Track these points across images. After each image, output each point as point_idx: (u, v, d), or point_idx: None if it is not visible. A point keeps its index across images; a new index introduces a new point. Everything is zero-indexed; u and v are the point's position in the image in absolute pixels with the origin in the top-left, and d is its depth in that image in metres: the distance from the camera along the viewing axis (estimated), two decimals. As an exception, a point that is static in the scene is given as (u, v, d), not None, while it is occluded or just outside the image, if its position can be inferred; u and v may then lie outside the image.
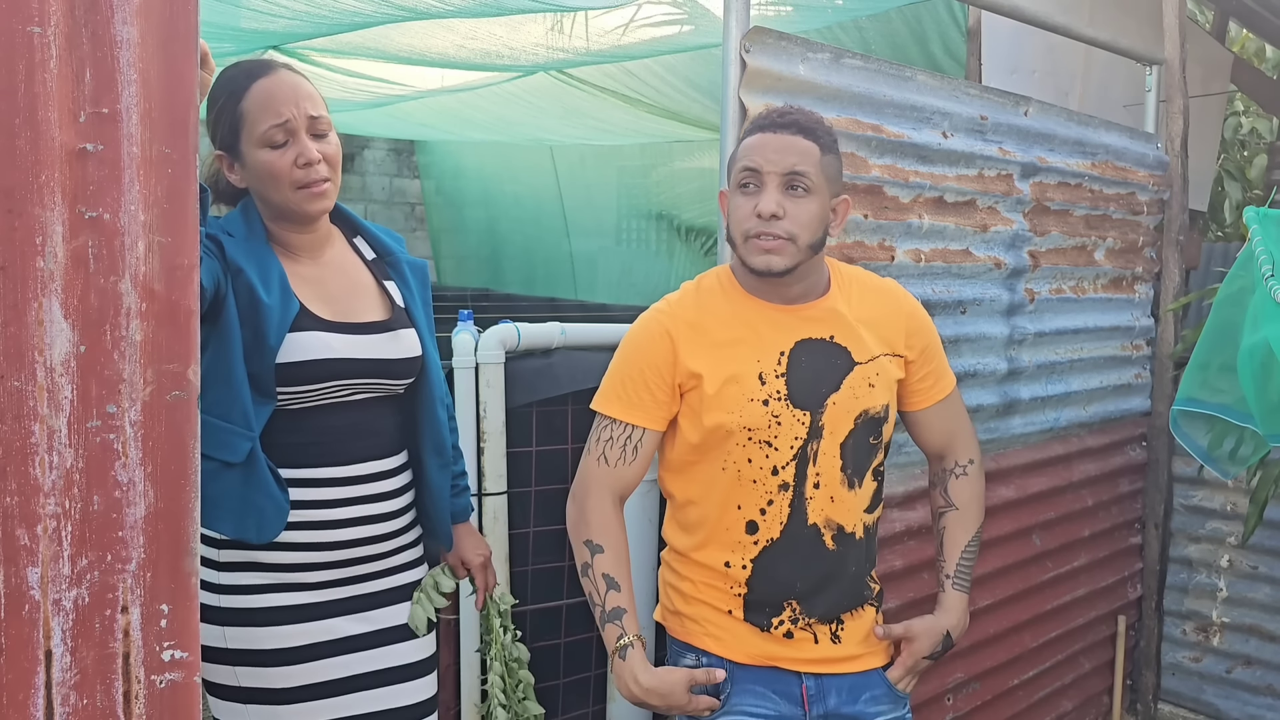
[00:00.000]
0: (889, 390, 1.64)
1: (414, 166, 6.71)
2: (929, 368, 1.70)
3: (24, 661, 0.79)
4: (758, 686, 1.62)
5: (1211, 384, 1.98)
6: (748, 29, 1.83)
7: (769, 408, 1.57)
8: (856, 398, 1.60)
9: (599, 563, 1.60)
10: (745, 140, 1.58)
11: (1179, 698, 3.16)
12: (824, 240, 1.58)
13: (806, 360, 1.59)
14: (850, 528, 1.62)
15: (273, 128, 1.54)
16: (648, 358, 1.61)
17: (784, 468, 1.58)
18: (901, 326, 1.67)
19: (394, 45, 3.18)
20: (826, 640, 1.63)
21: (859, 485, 1.62)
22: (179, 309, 0.84)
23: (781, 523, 1.59)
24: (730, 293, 1.64)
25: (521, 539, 2.65)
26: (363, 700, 1.64)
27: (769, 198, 1.52)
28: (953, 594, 1.72)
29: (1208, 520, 3.07)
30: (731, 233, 1.58)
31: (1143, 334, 3.06)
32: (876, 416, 1.62)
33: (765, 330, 1.60)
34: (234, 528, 1.52)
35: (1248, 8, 4.38)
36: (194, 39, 0.85)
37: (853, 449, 1.60)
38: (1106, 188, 2.81)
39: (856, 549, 1.63)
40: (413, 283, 1.75)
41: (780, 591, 1.60)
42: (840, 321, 1.62)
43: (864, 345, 1.62)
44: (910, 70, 2.18)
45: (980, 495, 1.77)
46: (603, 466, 1.64)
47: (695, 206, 5.16)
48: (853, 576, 1.63)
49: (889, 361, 1.64)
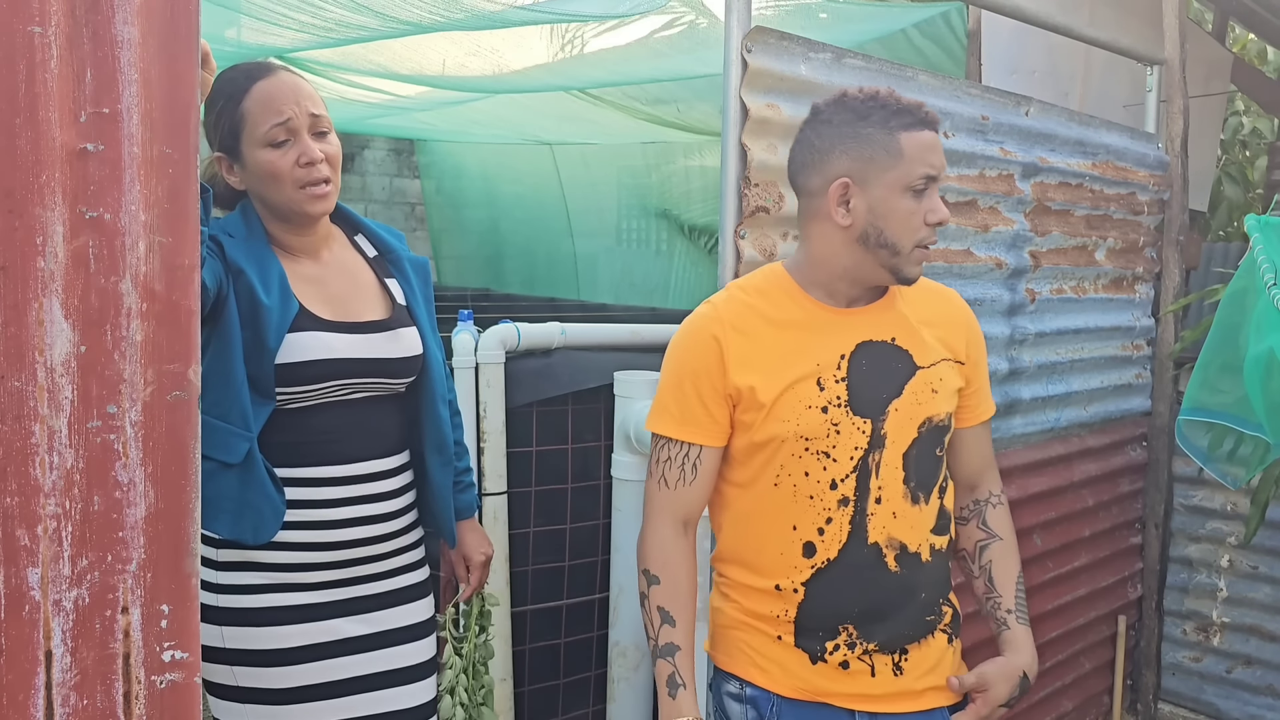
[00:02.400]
0: (951, 398, 1.52)
1: (414, 166, 6.70)
2: (978, 384, 1.60)
3: (24, 662, 0.78)
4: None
5: (1211, 384, 1.98)
6: (749, 29, 1.83)
7: (828, 415, 1.44)
8: (919, 404, 1.48)
9: (654, 594, 1.51)
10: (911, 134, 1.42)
11: (1179, 698, 3.15)
12: None
13: (868, 364, 1.47)
14: (915, 547, 1.48)
15: (274, 127, 1.54)
16: (697, 368, 1.49)
17: (843, 481, 1.45)
18: (963, 333, 1.57)
19: (396, 61, 3.17)
20: (887, 672, 1.48)
21: (924, 501, 1.49)
22: (179, 309, 0.84)
23: (840, 542, 1.46)
24: (789, 292, 1.51)
25: (521, 539, 2.64)
26: (362, 702, 1.64)
27: (942, 206, 1.44)
28: (1019, 629, 1.56)
29: (1208, 520, 3.07)
30: (890, 237, 1.43)
31: (1143, 334, 3.06)
32: (940, 425, 1.50)
33: (824, 332, 1.49)
34: (230, 528, 1.52)
35: (1248, 8, 4.38)
36: (195, 39, 0.85)
37: (916, 460, 1.48)
38: (1107, 188, 2.81)
39: (923, 573, 1.49)
40: (414, 280, 1.75)
41: (835, 616, 1.47)
42: (902, 323, 1.51)
43: (927, 348, 1.51)
44: (911, 70, 2.18)
45: (1013, 527, 1.66)
46: (663, 490, 1.53)
47: (698, 205, 5.15)
48: (920, 604, 1.49)
49: (951, 368, 1.53)
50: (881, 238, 1.43)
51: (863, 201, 1.43)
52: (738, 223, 1.83)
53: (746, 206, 1.83)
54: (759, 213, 1.85)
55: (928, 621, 1.50)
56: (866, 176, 1.42)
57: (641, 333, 3.03)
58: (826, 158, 1.44)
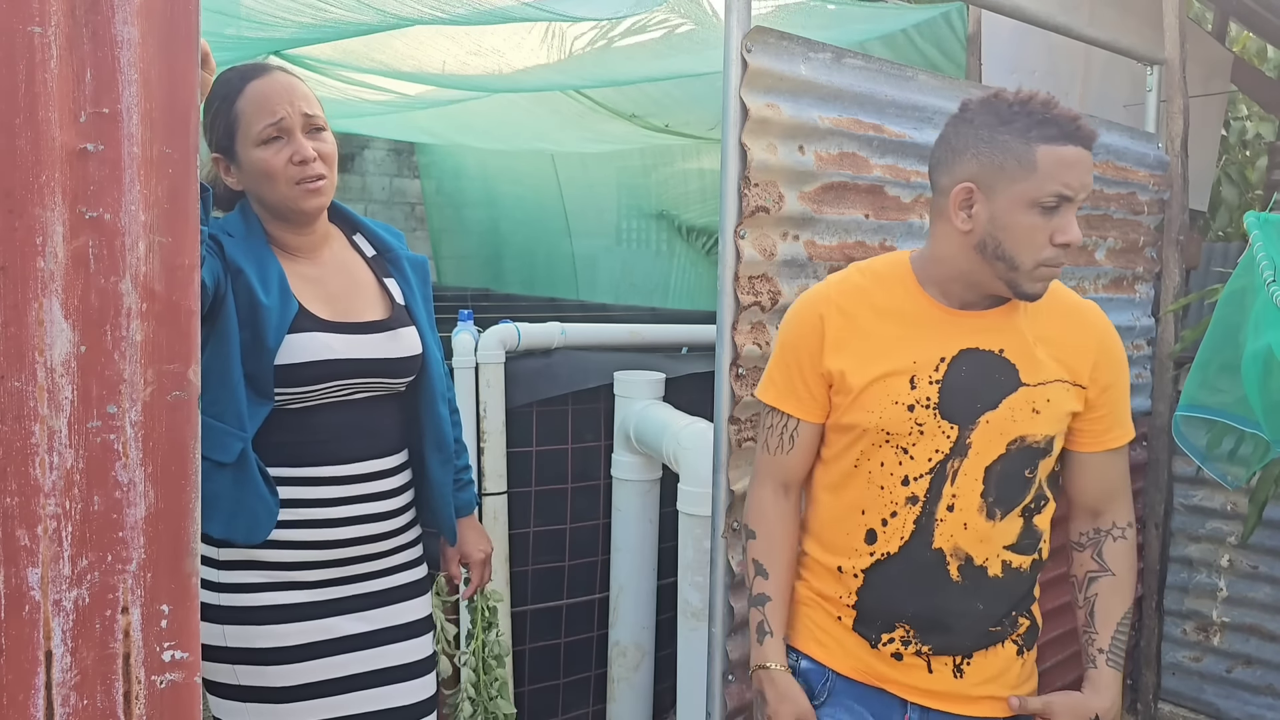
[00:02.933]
0: (1058, 422, 1.45)
1: (414, 166, 6.71)
2: (1107, 409, 1.49)
3: (24, 662, 0.78)
4: (856, 705, 1.50)
5: (1211, 383, 1.98)
6: (749, 29, 1.83)
7: (913, 414, 1.44)
8: (1014, 420, 1.43)
9: (751, 548, 1.57)
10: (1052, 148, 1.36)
11: (1179, 697, 3.15)
12: None
13: (967, 371, 1.44)
14: (982, 561, 1.46)
15: (268, 126, 1.55)
16: (799, 344, 1.52)
17: (916, 480, 1.45)
18: (1090, 355, 1.47)
19: (397, 58, 3.17)
20: (946, 673, 1.48)
21: (1000, 518, 1.45)
22: (179, 309, 0.84)
23: (902, 538, 1.46)
24: (905, 283, 1.50)
25: (521, 539, 2.65)
26: (361, 700, 1.64)
27: (1076, 226, 1.38)
28: (1107, 671, 1.50)
29: (1208, 520, 3.07)
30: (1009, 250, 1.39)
31: (1143, 334, 3.06)
32: (1035, 447, 1.45)
33: (930, 331, 1.46)
34: (224, 528, 1.52)
35: (1248, 8, 4.38)
36: (195, 39, 0.85)
37: (999, 476, 1.44)
38: (1107, 187, 2.81)
39: (991, 587, 1.47)
40: (413, 279, 1.75)
41: (892, 612, 1.48)
42: (1015, 336, 1.46)
43: (1038, 366, 1.45)
44: (912, 70, 2.18)
45: (1135, 566, 1.55)
46: (765, 454, 1.58)
47: (696, 206, 5.15)
48: (981, 615, 1.47)
49: (1065, 390, 1.46)
50: (1000, 250, 1.39)
51: (985, 210, 1.39)
52: (738, 222, 1.83)
53: (746, 206, 1.83)
54: (759, 212, 1.85)
55: (992, 632, 1.48)
56: (994, 185, 1.38)
57: (641, 333, 3.03)
58: (959, 158, 1.42)
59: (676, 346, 3.12)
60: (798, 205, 1.91)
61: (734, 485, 1.87)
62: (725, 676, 1.89)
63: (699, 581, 2.24)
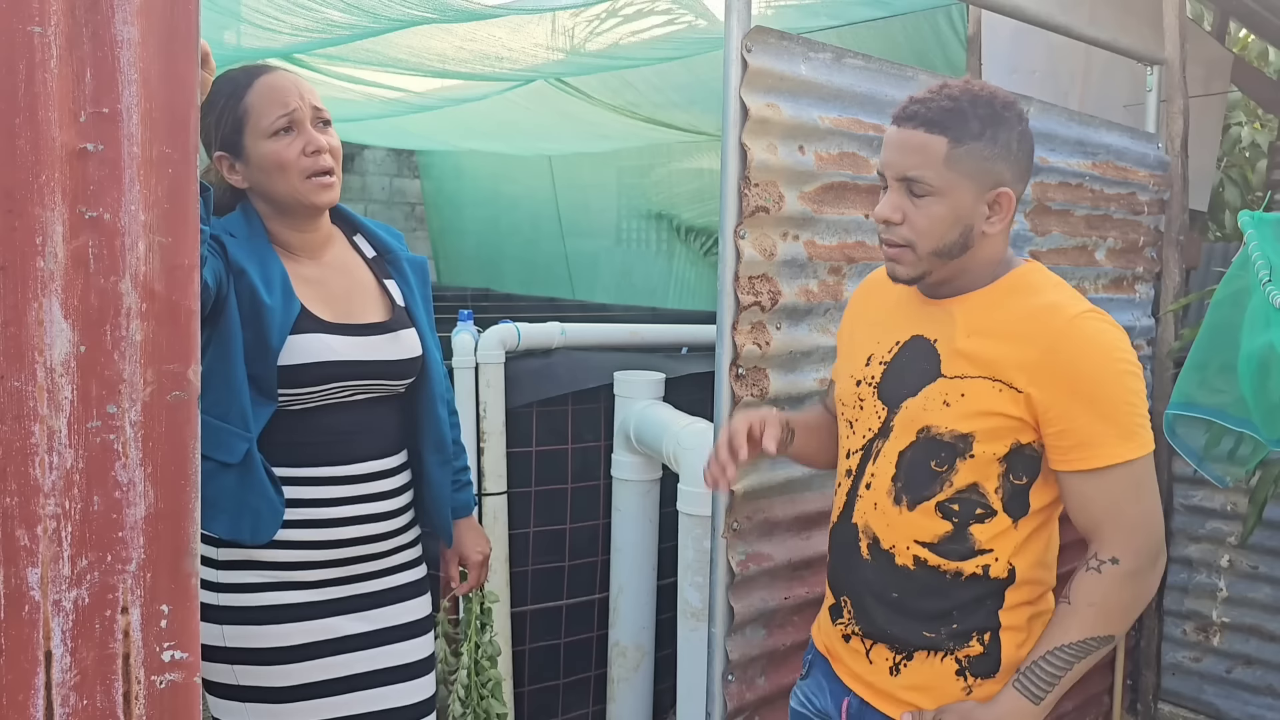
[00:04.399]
0: (975, 420, 1.38)
1: (414, 166, 6.71)
2: (1065, 425, 1.36)
3: (24, 662, 0.78)
4: (824, 680, 1.58)
5: (1210, 384, 1.98)
6: (749, 29, 1.83)
7: (859, 390, 1.52)
8: (925, 410, 1.42)
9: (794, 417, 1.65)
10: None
11: (1179, 698, 3.15)
12: (966, 242, 1.40)
13: (907, 356, 1.47)
14: (888, 546, 1.45)
15: (280, 117, 1.56)
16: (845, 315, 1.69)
17: (851, 455, 1.52)
18: (1029, 359, 1.36)
19: (394, 48, 3.18)
20: (884, 667, 1.47)
21: (906, 507, 1.43)
22: (179, 309, 0.84)
23: (839, 509, 1.54)
24: None
25: (521, 539, 2.65)
26: (361, 700, 1.64)
27: (886, 201, 1.40)
28: (1010, 693, 1.39)
29: (1208, 520, 3.07)
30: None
31: (1143, 334, 3.06)
32: (940, 440, 1.40)
33: (899, 316, 1.51)
34: (229, 529, 1.52)
35: (1248, 8, 4.38)
36: (195, 39, 0.85)
37: (908, 464, 1.43)
38: (1107, 188, 2.81)
39: (902, 577, 1.45)
40: (413, 280, 1.76)
41: (833, 584, 1.56)
42: (949, 325, 1.44)
43: (958, 359, 1.41)
44: (912, 70, 2.18)
45: (1110, 603, 1.36)
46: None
47: (695, 206, 5.15)
48: (895, 605, 1.45)
49: (990, 388, 1.38)
50: None
51: None
52: (738, 222, 1.83)
53: (746, 206, 1.83)
54: (759, 212, 1.85)
55: (927, 637, 1.44)
56: None
57: (641, 333, 3.03)
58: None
59: (676, 346, 3.12)
60: (798, 205, 1.91)
61: (734, 485, 1.87)
62: (725, 676, 1.89)
63: (699, 581, 2.24)
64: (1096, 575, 1.38)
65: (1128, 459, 1.35)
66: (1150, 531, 1.37)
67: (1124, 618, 1.38)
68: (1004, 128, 1.38)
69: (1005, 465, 1.40)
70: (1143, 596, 1.39)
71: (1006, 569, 1.44)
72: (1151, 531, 1.37)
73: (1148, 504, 1.37)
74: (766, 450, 1.53)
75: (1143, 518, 1.36)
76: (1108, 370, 1.36)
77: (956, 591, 1.44)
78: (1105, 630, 1.37)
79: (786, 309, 1.92)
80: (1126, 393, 1.36)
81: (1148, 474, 1.37)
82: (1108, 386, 1.35)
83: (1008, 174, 1.39)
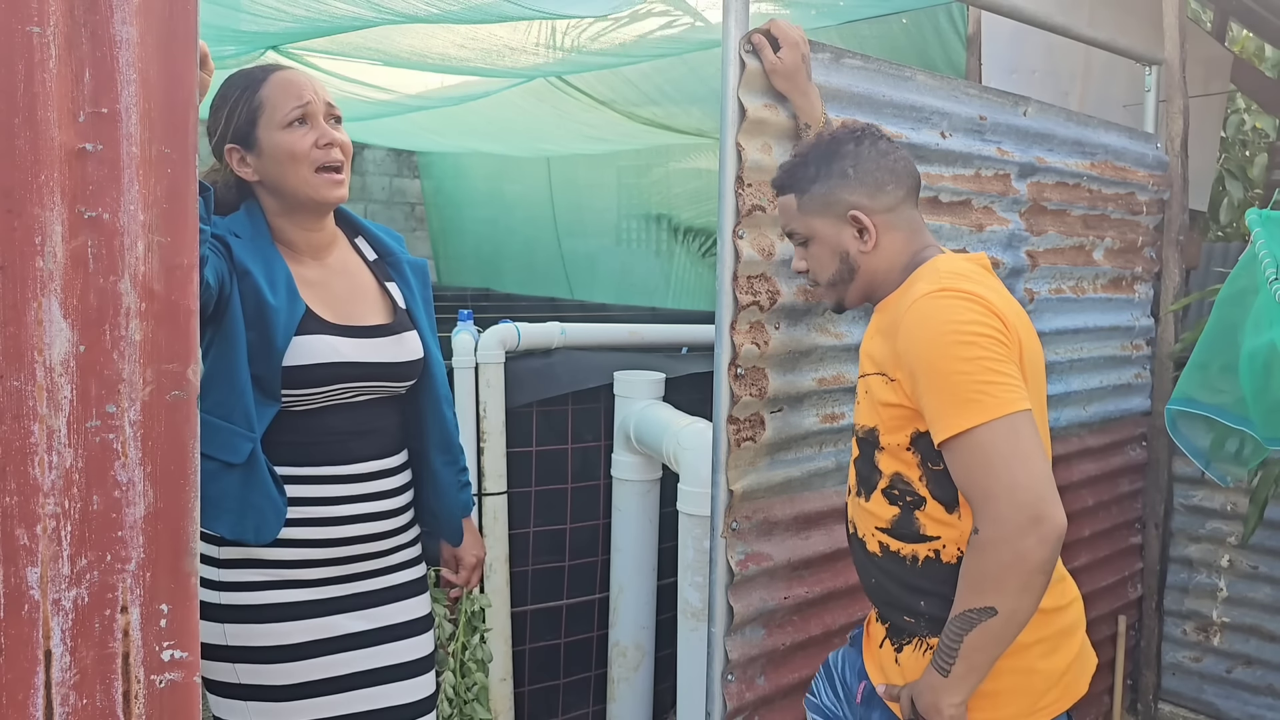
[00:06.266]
0: (874, 412, 1.51)
1: (414, 166, 6.71)
2: (920, 405, 1.42)
3: (23, 661, 0.79)
4: (855, 655, 1.68)
5: (1212, 384, 1.98)
6: (747, 29, 1.83)
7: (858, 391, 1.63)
8: (856, 409, 1.62)
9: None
10: None
11: (1179, 698, 3.15)
12: (850, 265, 1.56)
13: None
14: (862, 534, 1.58)
15: (295, 108, 1.58)
16: None
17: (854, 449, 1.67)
18: (894, 349, 1.45)
19: (394, 46, 3.18)
20: (890, 650, 1.57)
21: (865, 497, 1.57)
22: (179, 309, 0.84)
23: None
24: None
25: (521, 539, 2.65)
26: (361, 698, 1.64)
27: (796, 256, 1.65)
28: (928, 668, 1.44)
29: (1208, 520, 3.07)
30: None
31: (1143, 334, 3.06)
32: (860, 435, 1.57)
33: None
34: (232, 528, 1.52)
35: (1248, 8, 4.38)
36: (194, 39, 0.85)
37: (858, 459, 1.59)
38: (1105, 188, 2.81)
39: (874, 564, 1.56)
40: (414, 283, 1.76)
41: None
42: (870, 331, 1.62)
43: (864, 358, 1.58)
44: (910, 70, 2.18)
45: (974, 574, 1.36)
46: None
47: (693, 207, 5.15)
48: (874, 589, 1.59)
49: (881, 382, 1.49)
50: None
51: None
52: (736, 223, 1.83)
53: (744, 206, 1.83)
54: (756, 212, 1.85)
55: (907, 622, 1.54)
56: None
57: (641, 333, 3.03)
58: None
59: (676, 346, 3.12)
60: (797, 205, 1.91)
61: (734, 485, 1.87)
62: (725, 676, 1.89)
63: (699, 581, 2.24)
64: (969, 548, 1.37)
65: (965, 428, 1.33)
66: (1011, 498, 1.31)
67: (996, 588, 1.33)
68: (837, 160, 1.54)
69: (919, 454, 1.46)
70: (1013, 565, 1.31)
71: (956, 555, 1.46)
72: (1013, 498, 1.31)
73: (1001, 470, 1.32)
74: None
75: (996, 485, 1.32)
76: (936, 344, 1.38)
77: (916, 578, 1.50)
78: (980, 602, 1.34)
79: (785, 308, 1.92)
80: (957, 362, 1.36)
81: (1002, 439, 1.32)
82: (938, 361, 1.37)
83: (853, 196, 1.54)
